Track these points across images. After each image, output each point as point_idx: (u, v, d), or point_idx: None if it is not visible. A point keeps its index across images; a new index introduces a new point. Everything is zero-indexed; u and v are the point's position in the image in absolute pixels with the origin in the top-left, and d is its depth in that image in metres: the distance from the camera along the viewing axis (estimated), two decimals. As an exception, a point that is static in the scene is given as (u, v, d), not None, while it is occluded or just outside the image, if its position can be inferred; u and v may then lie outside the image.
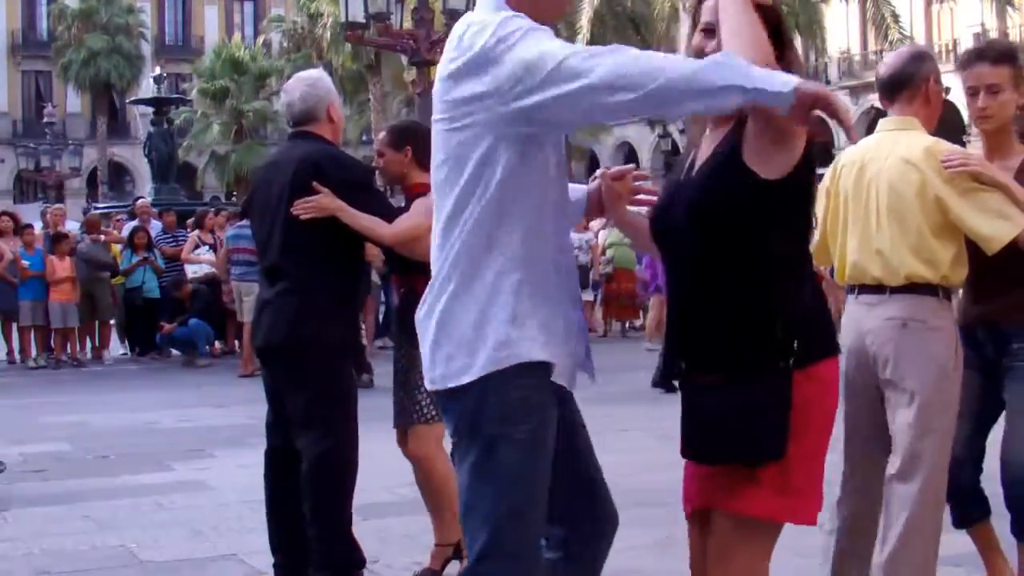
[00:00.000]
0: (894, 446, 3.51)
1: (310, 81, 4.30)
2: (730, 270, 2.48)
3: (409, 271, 4.38)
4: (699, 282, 2.53)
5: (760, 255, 2.47)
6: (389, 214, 4.19)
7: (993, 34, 32.69)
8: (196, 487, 6.52)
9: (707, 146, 2.61)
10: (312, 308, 4.06)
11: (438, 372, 2.51)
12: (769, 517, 2.51)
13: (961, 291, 3.77)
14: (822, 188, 3.64)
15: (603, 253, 15.66)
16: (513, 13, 2.44)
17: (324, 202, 4.03)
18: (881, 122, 3.69)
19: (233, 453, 7.39)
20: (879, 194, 3.49)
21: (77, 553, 5.07)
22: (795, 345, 2.42)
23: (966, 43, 33.28)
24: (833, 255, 3.71)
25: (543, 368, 2.49)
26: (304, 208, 4.03)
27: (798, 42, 32.72)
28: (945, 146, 3.49)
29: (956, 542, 4.67)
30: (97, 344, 14.77)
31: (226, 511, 5.87)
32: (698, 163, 2.61)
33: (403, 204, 4.49)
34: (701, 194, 2.52)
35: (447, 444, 4.40)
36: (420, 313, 2.57)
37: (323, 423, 4.08)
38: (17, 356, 14.20)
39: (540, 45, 2.35)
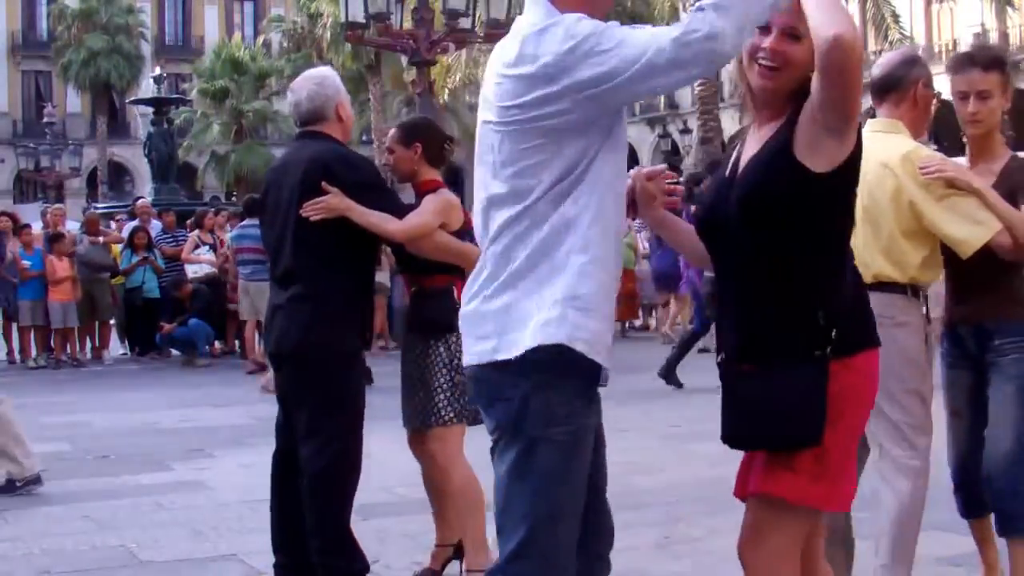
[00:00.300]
0: (883, 437, 3.62)
1: (318, 80, 4.24)
2: (776, 262, 2.54)
3: (420, 270, 4.37)
4: (746, 275, 2.59)
5: (806, 247, 2.53)
6: (399, 212, 4.14)
7: (993, 34, 32.66)
8: (196, 487, 6.52)
9: (754, 143, 2.65)
10: (324, 314, 4.02)
11: (489, 345, 2.49)
12: (803, 502, 2.55)
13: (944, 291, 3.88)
14: None
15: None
16: (578, 16, 2.44)
17: (333, 202, 3.97)
18: (869, 122, 3.75)
19: (233, 453, 7.40)
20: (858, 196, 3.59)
21: (77, 553, 5.07)
22: (834, 335, 2.48)
23: (966, 43, 33.26)
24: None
25: (592, 365, 2.48)
26: (314, 210, 3.98)
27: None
28: (924, 152, 3.59)
29: (956, 542, 4.67)
30: (97, 344, 14.77)
31: (226, 511, 5.86)
32: (744, 159, 2.65)
33: (414, 201, 4.43)
34: (751, 188, 2.57)
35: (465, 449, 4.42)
36: (475, 304, 2.53)
37: (327, 433, 4.04)
38: (17, 356, 14.20)
39: (621, 43, 2.37)
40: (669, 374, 10.27)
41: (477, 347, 2.54)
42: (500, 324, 2.48)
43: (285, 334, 4.10)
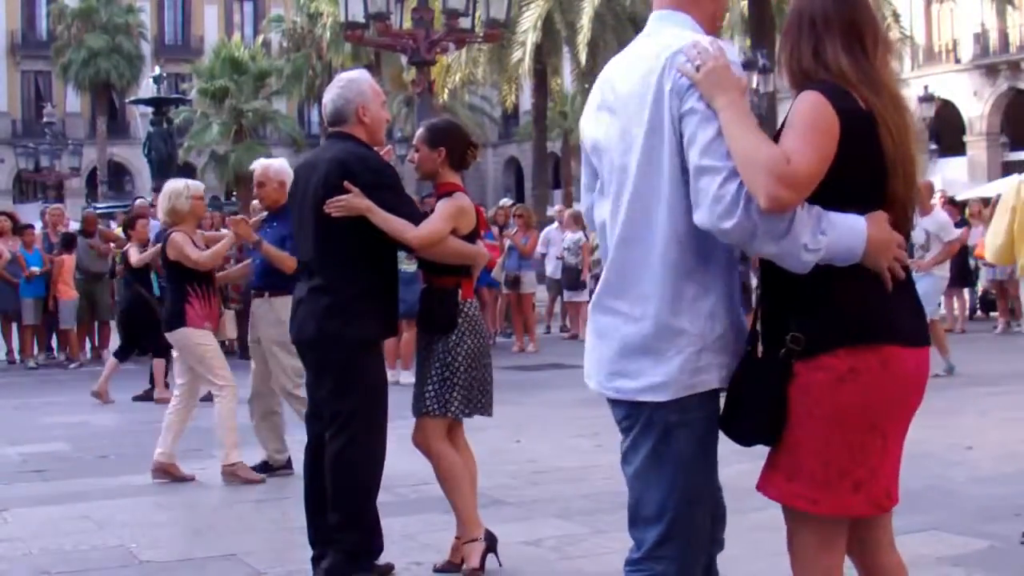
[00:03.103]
0: None
1: (343, 83, 4.47)
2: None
3: (431, 269, 4.57)
4: (762, 265, 2.58)
5: None
6: (414, 216, 4.36)
7: (993, 34, 32.69)
8: (196, 487, 6.51)
9: None
10: (340, 305, 4.25)
11: (641, 383, 2.55)
12: (786, 502, 2.53)
13: None
14: (1006, 204, 4.54)
15: (592, 253, 15.59)
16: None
17: (354, 202, 4.21)
18: None
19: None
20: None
21: (77, 553, 5.06)
22: (789, 338, 2.43)
23: (966, 43, 33.32)
24: (1018, 255, 5.10)
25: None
26: (336, 207, 4.20)
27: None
28: None
29: (956, 542, 4.69)
30: (97, 344, 14.76)
31: (226, 511, 5.86)
32: None
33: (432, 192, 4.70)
34: None
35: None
36: (628, 328, 2.56)
37: (344, 416, 4.25)
38: (17, 356, 14.19)
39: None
40: None
41: (635, 382, 2.55)
42: (638, 357, 2.54)
43: (304, 325, 4.36)
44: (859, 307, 2.44)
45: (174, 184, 6.95)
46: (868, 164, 2.43)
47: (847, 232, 2.38)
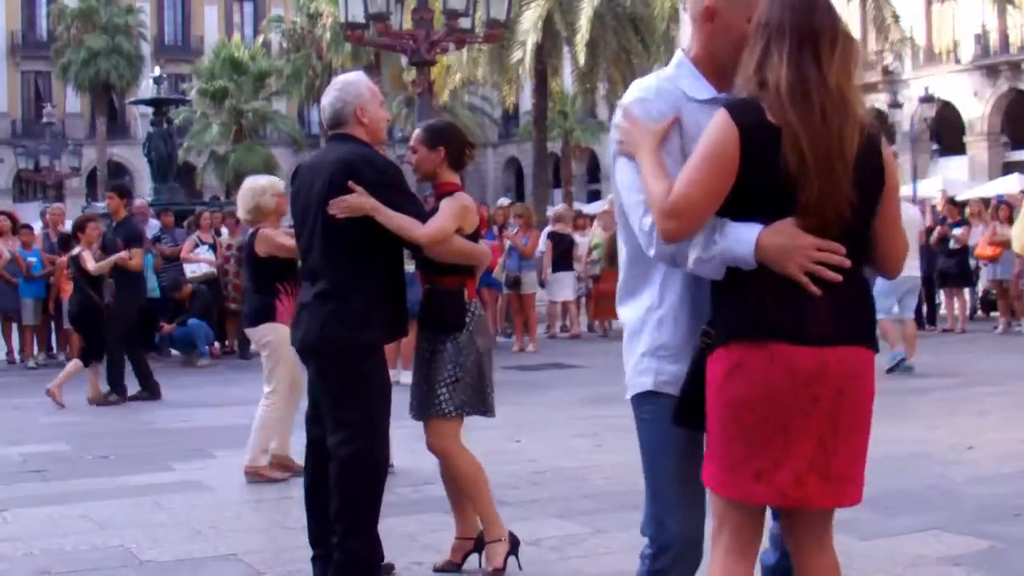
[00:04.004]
0: None
1: (340, 85, 4.47)
2: None
3: (434, 269, 4.53)
4: None
5: None
6: (421, 215, 4.33)
7: (993, 34, 32.70)
8: (196, 487, 6.51)
9: None
10: (344, 311, 4.20)
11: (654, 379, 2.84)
12: (704, 482, 2.71)
13: None
14: None
15: (589, 253, 15.62)
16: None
17: (357, 202, 4.15)
18: None
19: (233, 453, 7.38)
20: None
21: (77, 553, 5.07)
22: (702, 330, 2.63)
23: (966, 43, 33.33)
24: None
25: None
26: (339, 207, 4.16)
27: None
28: None
29: (956, 542, 4.69)
30: (96, 344, 14.75)
31: (226, 511, 5.86)
32: None
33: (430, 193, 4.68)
34: None
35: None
36: (638, 323, 2.84)
37: (351, 425, 4.21)
38: (17, 356, 14.19)
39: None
40: None
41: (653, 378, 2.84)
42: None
43: (308, 330, 4.30)
44: (753, 304, 2.55)
45: (256, 181, 6.82)
46: (768, 175, 2.51)
47: (734, 243, 2.54)
